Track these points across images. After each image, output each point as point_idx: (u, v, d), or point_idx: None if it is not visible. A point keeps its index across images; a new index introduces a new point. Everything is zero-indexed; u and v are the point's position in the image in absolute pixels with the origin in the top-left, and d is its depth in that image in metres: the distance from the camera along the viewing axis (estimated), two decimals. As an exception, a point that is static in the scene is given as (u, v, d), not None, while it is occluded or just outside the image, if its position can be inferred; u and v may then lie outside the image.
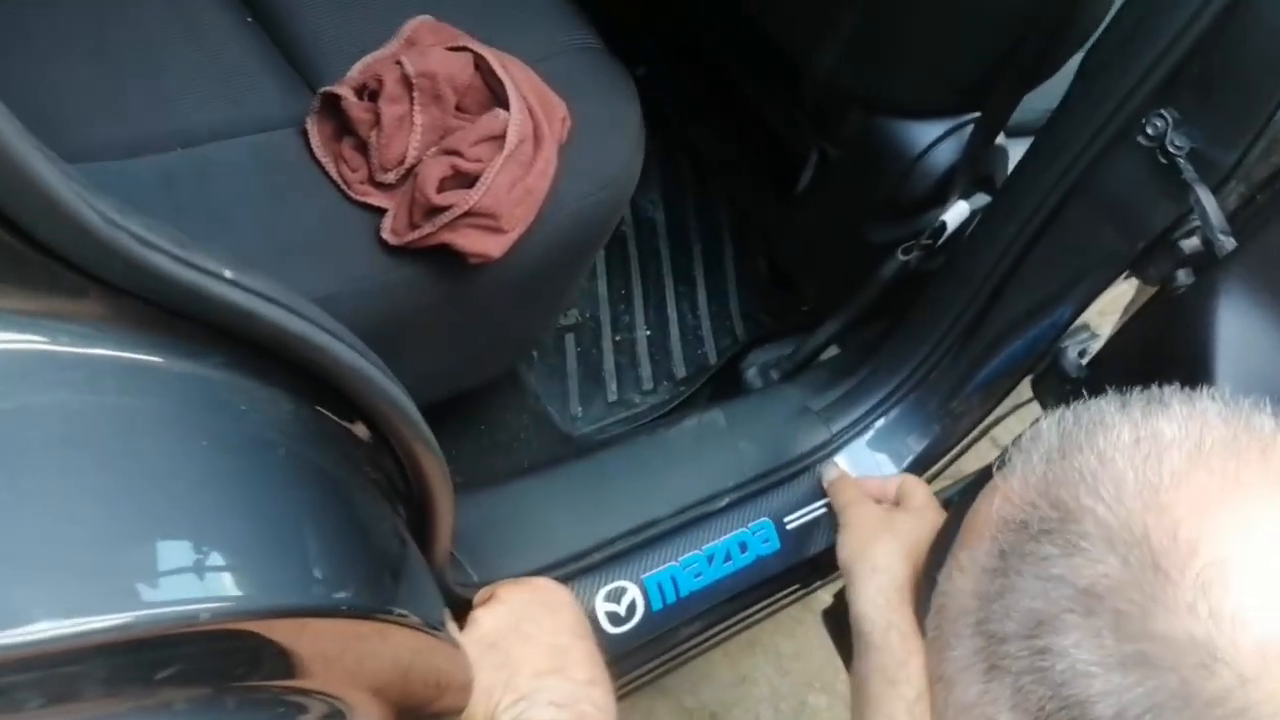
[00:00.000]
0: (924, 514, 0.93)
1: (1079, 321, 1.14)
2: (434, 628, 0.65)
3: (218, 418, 0.49)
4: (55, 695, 0.40)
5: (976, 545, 0.51)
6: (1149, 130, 0.96)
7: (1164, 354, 1.02)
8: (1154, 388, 0.53)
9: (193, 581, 0.43)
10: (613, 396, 1.40)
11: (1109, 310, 1.24)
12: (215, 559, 0.44)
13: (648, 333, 1.48)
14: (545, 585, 0.86)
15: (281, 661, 0.50)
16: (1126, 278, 1.09)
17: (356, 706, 0.62)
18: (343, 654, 0.55)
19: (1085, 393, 0.56)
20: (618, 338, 1.45)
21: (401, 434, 0.63)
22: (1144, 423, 0.49)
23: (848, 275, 1.35)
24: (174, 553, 0.43)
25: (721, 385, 1.44)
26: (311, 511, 0.52)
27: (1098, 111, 0.98)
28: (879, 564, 0.85)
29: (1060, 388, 1.13)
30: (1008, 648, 0.46)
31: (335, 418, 0.61)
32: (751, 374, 1.40)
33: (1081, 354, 1.16)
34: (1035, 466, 0.51)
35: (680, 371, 1.46)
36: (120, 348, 0.45)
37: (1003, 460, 0.55)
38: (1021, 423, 1.14)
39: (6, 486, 0.40)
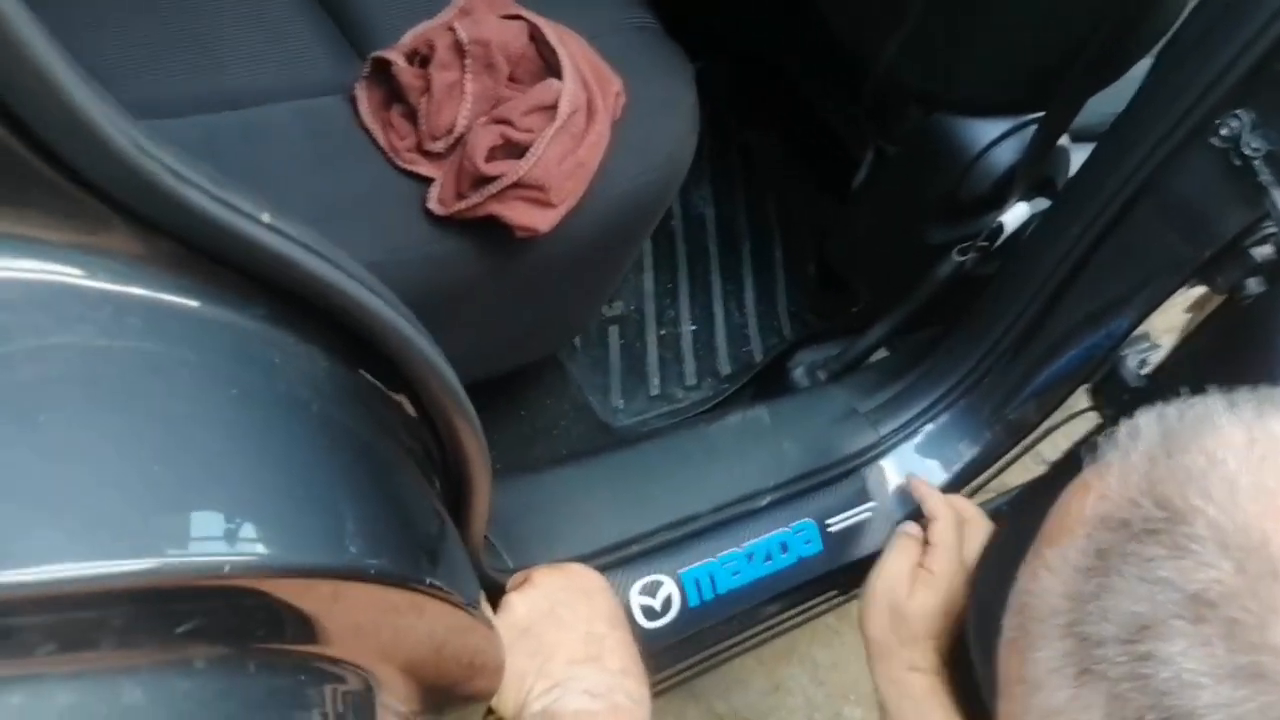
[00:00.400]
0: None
1: (1139, 330, 1.10)
2: (470, 606, 0.63)
3: (249, 369, 0.48)
4: (69, 641, 0.38)
5: (1068, 543, 0.47)
6: (1223, 131, 0.92)
7: (1231, 365, 0.98)
8: (1262, 388, 0.49)
9: (216, 533, 0.41)
10: (655, 391, 1.37)
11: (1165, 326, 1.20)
12: (241, 511, 0.42)
13: (693, 328, 1.45)
14: (581, 571, 0.84)
15: (306, 626, 0.48)
16: (1192, 285, 1.05)
17: (386, 683, 0.60)
18: (373, 625, 0.54)
19: (1146, 403, 0.53)
20: (662, 332, 1.43)
21: (441, 403, 0.61)
22: (1257, 424, 0.46)
23: (901, 276, 1.31)
24: (197, 501, 0.41)
25: (766, 384, 1.41)
26: (344, 473, 0.50)
27: (1169, 111, 0.94)
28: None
29: (1119, 397, 1.10)
30: (1104, 651, 0.43)
31: (373, 380, 0.59)
32: (798, 374, 1.37)
33: (1141, 363, 1.12)
34: (1136, 463, 0.47)
35: (725, 369, 1.43)
36: (152, 288, 0.44)
37: (1093, 454, 0.52)
38: (1069, 439, 1.10)
39: (25, 423, 0.38)
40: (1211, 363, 1.05)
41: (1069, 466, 1.03)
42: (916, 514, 1.08)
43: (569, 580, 0.83)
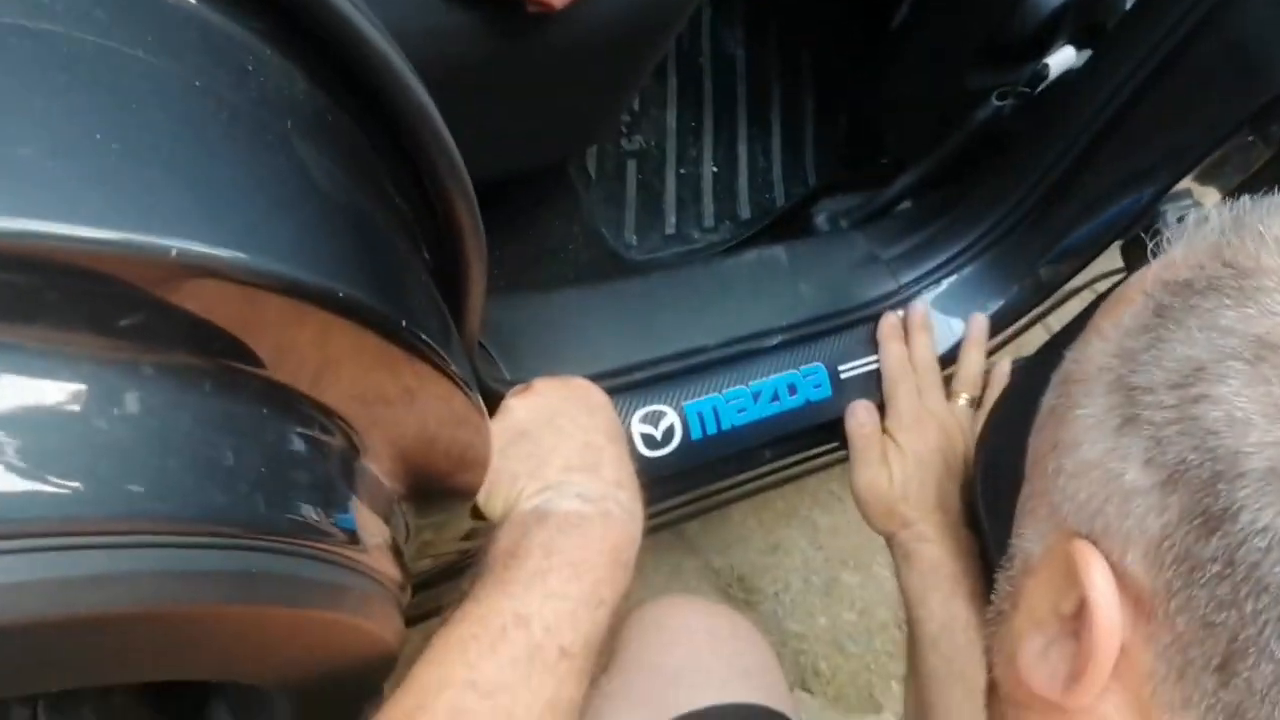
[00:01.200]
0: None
1: (1181, 186, 1.05)
2: (459, 378, 0.60)
3: (218, 66, 0.43)
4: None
5: (1124, 309, 0.45)
6: (1287, -30, 0.86)
7: None
8: None
9: (163, 216, 0.37)
10: (670, 230, 1.33)
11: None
12: (195, 201, 0.39)
13: (714, 169, 1.40)
14: (585, 385, 0.82)
15: (268, 351, 0.44)
16: (1242, 137, 0.99)
17: (373, 450, 0.58)
18: (351, 370, 0.50)
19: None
20: (682, 171, 1.38)
21: (432, 160, 0.57)
22: None
23: (936, 123, 1.26)
24: (142, 179, 0.37)
25: (787, 230, 1.36)
26: (317, 197, 0.46)
27: (1231, -53, 0.88)
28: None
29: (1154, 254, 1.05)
30: (1152, 398, 0.41)
31: (361, 128, 0.55)
32: (820, 220, 1.32)
33: (1181, 220, 1.07)
34: (1205, 235, 0.45)
35: (745, 213, 1.38)
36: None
37: (1157, 246, 0.49)
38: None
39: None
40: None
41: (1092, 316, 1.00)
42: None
43: (572, 391, 0.81)
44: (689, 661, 0.87)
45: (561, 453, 0.74)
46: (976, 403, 1.08)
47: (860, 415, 1.04)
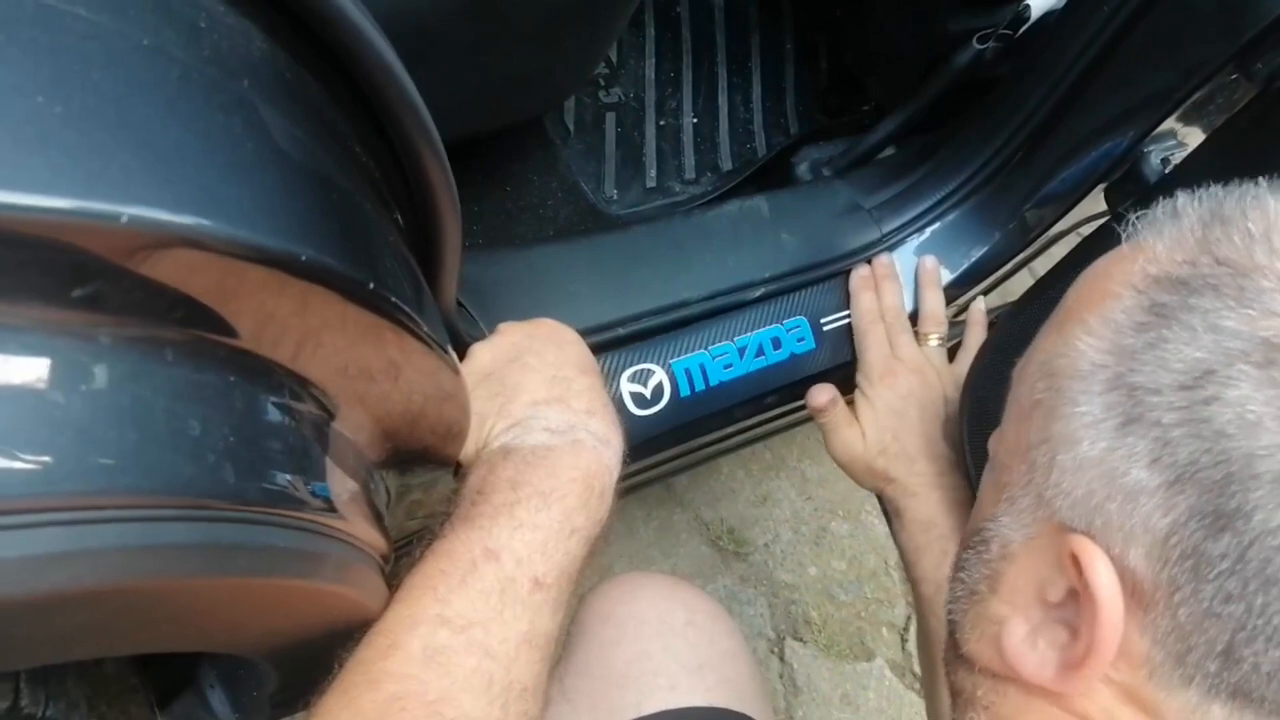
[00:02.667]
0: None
1: (1165, 127, 1.03)
2: (432, 340, 0.59)
3: (167, 24, 0.42)
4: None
5: (1112, 305, 0.46)
6: (1272, -99, 0.84)
7: (1262, 158, 0.92)
8: None
9: (112, 181, 0.36)
10: (651, 182, 1.31)
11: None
12: (145, 163, 0.37)
13: (694, 120, 1.38)
14: (551, 324, 0.80)
15: (234, 318, 0.43)
16: (1230, 75, 0.98)
17: (352, 422, 0.57)
18: (318, 336, 0.49)
19: (1163, 199, 0.51)
20: (662, 123, 1.36)
21: (399, 117, 0.55)
22: None
23: (917, 67, 1.24)
24: (89, 142, 0.36)
25: (769, 180, 1.34)
26: (276, 156, 0.45)
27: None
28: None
29: (1136, 196, 1.04)
30: (1159, 399, 0.42)
31: (323, 85, 0.54)
32: (802, 169, 1.30)
33: (1164, 161, 1.06)
34: (1188, 230, 0.46)
35: (726, 165, 1.36)
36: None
37: (1128, 230, 0.51)
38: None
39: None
40: (1240, 158, 0.98)
41: (1077, 259, 0.99)
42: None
43: (537, 330, 0.79)
44: (636, 662, 0.84)
45: (528, 388, 0.73)
46: (946, 340, 1.07)
47: (817, 398, 1.01)
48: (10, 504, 0.35)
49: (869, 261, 1.12)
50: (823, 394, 1.00)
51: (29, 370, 0.36)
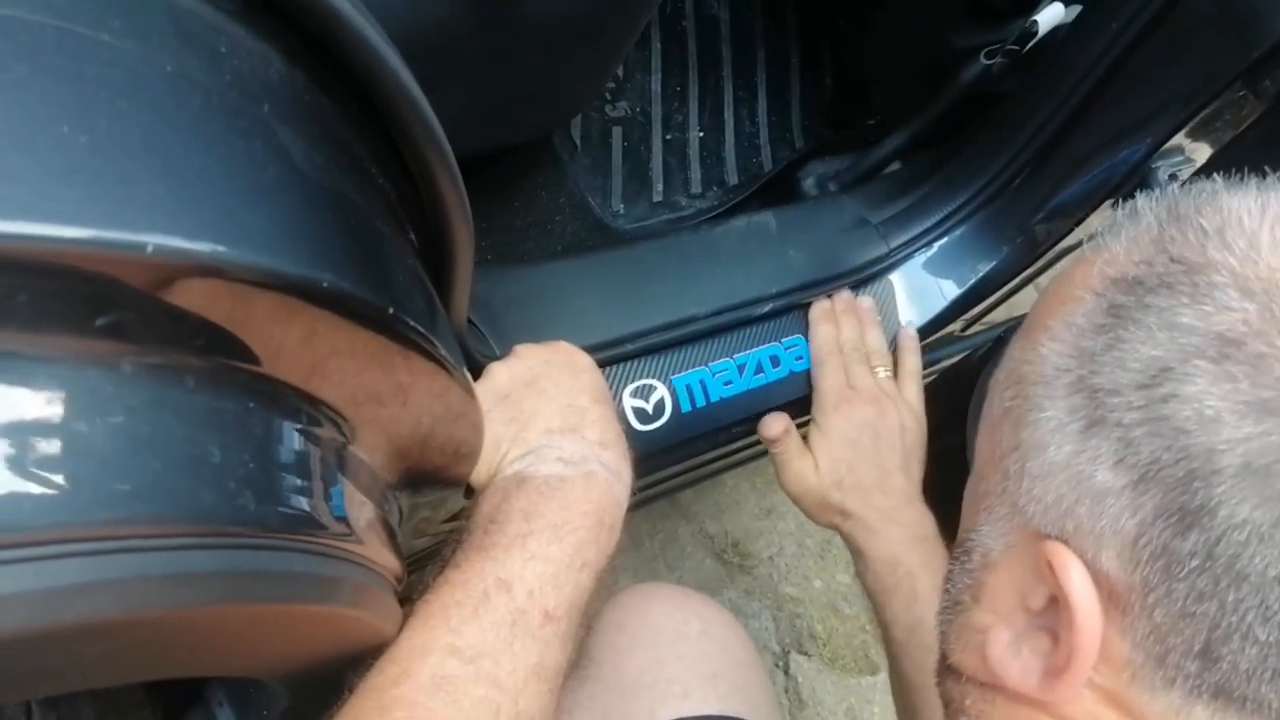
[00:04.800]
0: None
1: (1174, 143, 1.03)
2: (449, 363, 0.59)
3: (189, 50, 0.42)
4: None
5: (1073, 308, 0.46)
6: (1283, -82, 0.84)
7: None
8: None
9: (138, 209, 0.36)
10: (658, 197, 1.31)
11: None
12: (171, 191, 0.37)
13: (700, 135, 1.38)
14: (567, 348, 0.80)
15: (254, 344, 0.43)
16: (1235, 91, 0.98)
17: (367, 443, 0.56)
18: (339, 362, 0.49)
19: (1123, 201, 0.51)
20: (668, 137, 1.36)
21: (415, 138, 0.55)
22: (1265, 193, 0.45)
23: (923, 82, 1.24)
24: (115, 172, 0.36)
25: (775, 195, 1.34)
26: (296, 181, 0.45)
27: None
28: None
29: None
30: (1119, 399, 0.42)
31: (340, 107, 0.54)
32: (808, 184, 1.30)
33: (1172, 177, 1.06)
34: (1144, 230, 0.46)
35: (732, 179, 1.36)
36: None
37: (1092, 239, 0.50)
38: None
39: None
40: (1248, 174, 0.99)
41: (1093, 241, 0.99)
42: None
43: (554, 354, 0.79)
44: (650, 669, 0.83)
45: (543, 415, 0.73)
46: (893, 374, 1.05)
47: (770, 428, 0.99)
48: (34, 535, 0.35)
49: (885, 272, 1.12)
50: (776, 424, 0.99)
51: (53, 400, 0.36)
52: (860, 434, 0.96)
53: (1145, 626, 0.42)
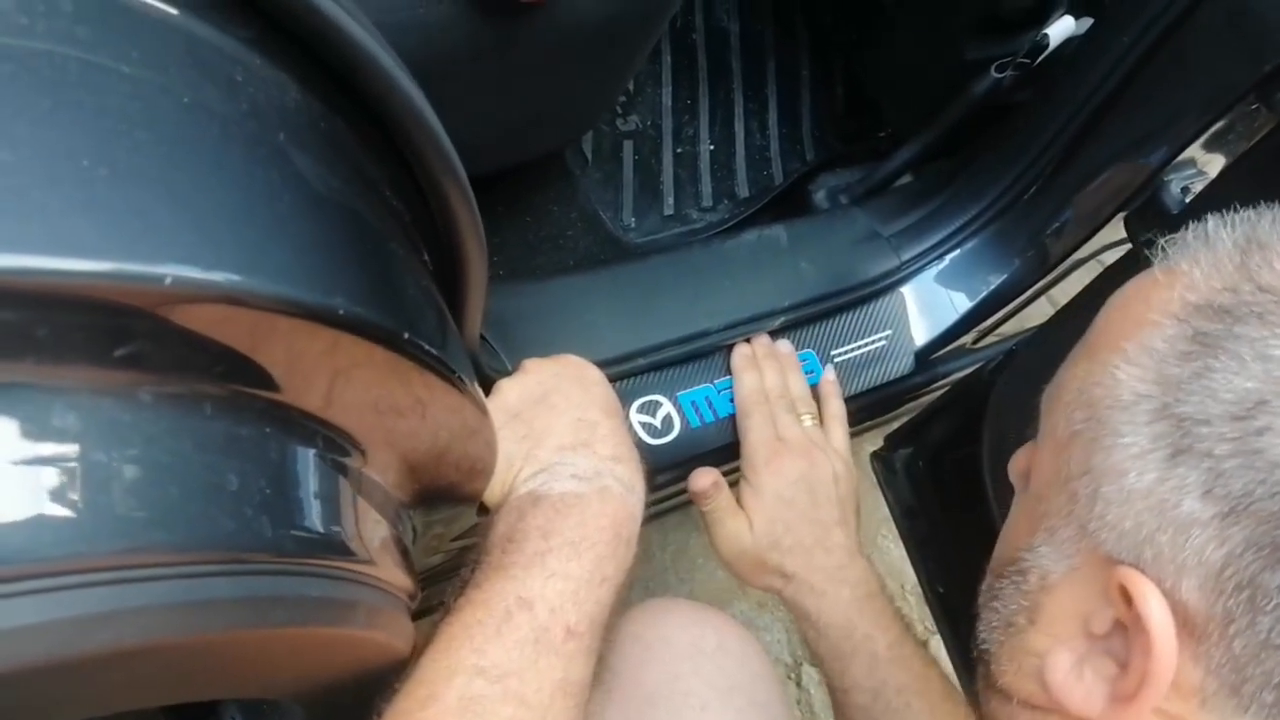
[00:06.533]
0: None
1: (1186, 155, 1.03)
2: (464, 383, 0.59)
3: (206, 80, 0.42)
4: (-12, 346, 0.34)
5: (1151, 333, 0.46)
6: (1295, -66, 0.84)
7: (1284, 187, 0.92)
8: None
9: (158, 241, 0.36)
10: (669, 210, 1.31)
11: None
12: (189, 223, 0.37)
13: (711, 148, 1.38)
14: (576, 361, 0.80)
15: (271, 370, 0.43)
16: (1246, 105, 0.98)
17: (381, 464, 0.57)
18: (354, 387, 0.49)
19: (1193, 223, 0.50)
20: (679, 150, 1.36)
21: (428, 162, 0.56)
22: None
23: (934, 95, 1.24)
24: (134, 204, 0.36)
25: (786, 207, 1.35)
26: (313, 207, 0.45)
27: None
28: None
29: (1157, 224, 1.04)
30: (1209, 429, 0.41)
31: (354, 132, 0.54)
32: (819, 197, 1.31)
33: (1184, 190, 1.06)
34: (1225, 256, 0.45)
35: (743, 192, 1.37)
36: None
37: (1158, 254, 0.50)
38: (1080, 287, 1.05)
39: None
40: (1261, 187, 0.98)
41: (1100, 289, 0.98)
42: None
43: (563, 368, 0.79)
44: (667, 683, 0.82)
45: (555, 432, 0.73)
46: (819, 420, 1.01)
47: (698, 482, 0.92)
48: (58, 565, 0.35)
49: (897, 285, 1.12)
50: (704, 477, 0.92)
51: (73, 430, 0.37)
52: (795, 490, 0.90)
53: (1222, 655, 0.42)
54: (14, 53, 0.35)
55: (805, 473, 0.91)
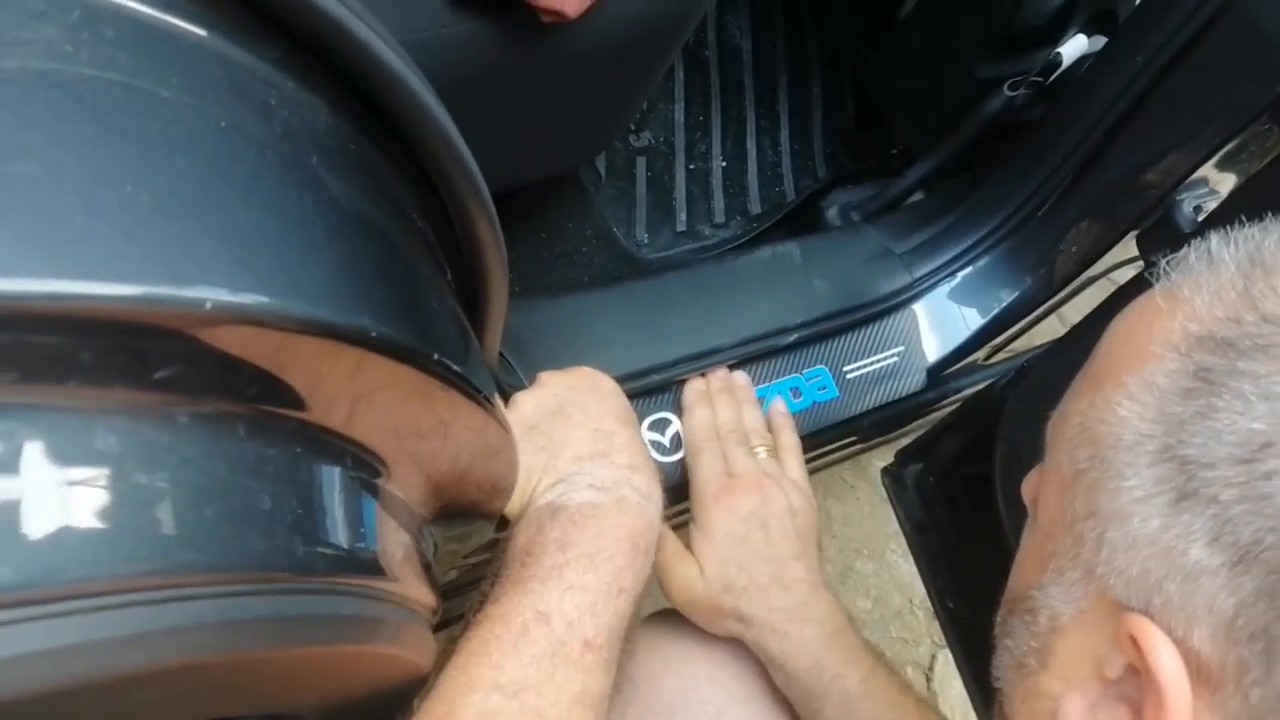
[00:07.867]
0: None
1: (1199, 174, 1.04)
2: (488, 401, 0.60)
3: (240, 103, 0.43)
4: (30, 370, 0.34)
5: (1153, 366, 0.43)
6: (1307, -43, 0.85)
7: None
8: None
9: (197, 266, 0.36)
10: (682, 226, 1.32)
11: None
12: (227, 247, 0.38)
13: (724, 164, 1.39)
14: (590, 373, 0.81)
15: (303, 391, 0.44)
16: (1264, 124, 0.98)
17: (401, 477, 0.57)
18: (382, 405, 0.50)
19: (1195, 241, 0.48)
20: (692, 166, 1.37)
21: (454, 183, 0.56)
22: None
23: (947, 113, 1.25)
24: (175, 229, 0.36)
25: (798, 224, 1.35)
26: (345, 230, 0.45)
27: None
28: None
29: (1169, 243, 1.04)
30: (1213, 473, 0.39)
31: (382, 153, 0.54)
32: (832, 213, 1.31)
33: (1197, 209, 1.06)
34: (1228, 283, 0.43)
35: (755, 208, 1.37)
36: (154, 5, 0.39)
37: (1160, 276, 0.47)
38: (1091, 304, 1.05)
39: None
40: (1273, 207, 0.98)
41: (1111, 309, 0.99)
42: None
43: (578, 380, 0.80)
44: (683, 691, 0.80)
45: (572, 443, 0.74)
46: (774, 451, 0.96)
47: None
48: (97, 586, 0.35)
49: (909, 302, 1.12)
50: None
51: (107, 453, 0.37)
52: (747, 526, 0.84)
53: (1238, 705, 0.40)
54: (60, 79, 0.36)
55: (757, 508, 0.85)
